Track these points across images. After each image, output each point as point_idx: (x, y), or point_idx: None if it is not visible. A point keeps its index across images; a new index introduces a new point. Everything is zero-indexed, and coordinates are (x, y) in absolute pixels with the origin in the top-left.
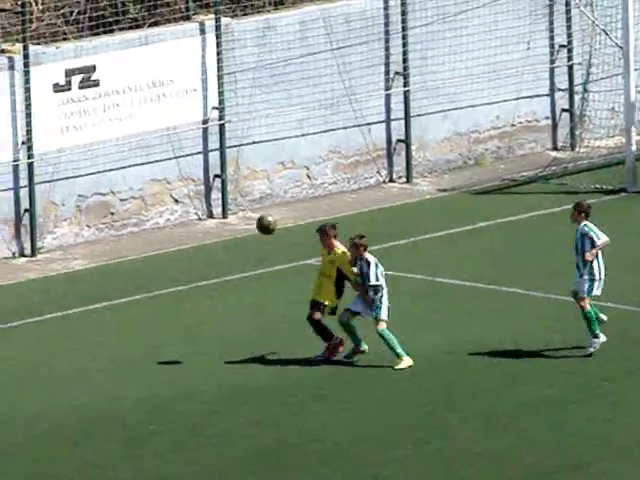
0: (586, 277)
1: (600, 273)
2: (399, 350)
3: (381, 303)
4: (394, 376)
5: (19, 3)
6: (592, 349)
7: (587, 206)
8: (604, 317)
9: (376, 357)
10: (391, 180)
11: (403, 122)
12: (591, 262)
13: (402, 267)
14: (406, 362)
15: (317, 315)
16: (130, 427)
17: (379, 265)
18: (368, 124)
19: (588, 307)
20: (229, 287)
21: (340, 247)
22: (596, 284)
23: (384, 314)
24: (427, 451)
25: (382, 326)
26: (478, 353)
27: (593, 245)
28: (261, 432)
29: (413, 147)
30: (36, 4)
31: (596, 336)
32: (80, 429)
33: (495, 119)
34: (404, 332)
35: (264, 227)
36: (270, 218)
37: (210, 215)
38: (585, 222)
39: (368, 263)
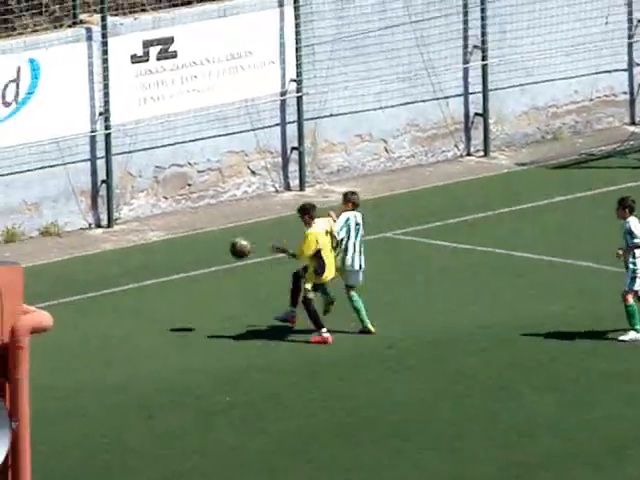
0: (629, 272)
1: None
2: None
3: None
4: (468, 350)
5: None
6: (626, 338)
7: (631, 201)
8: None
9: (449, 331)
10: (469, 154)
11: (481, 95)
12: (634, 258)
13: (479, 241)
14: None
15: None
16: (204, 398)
17: (349, 221)
18: (446, 97)
19: (630, 301)
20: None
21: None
22: (638, 280)
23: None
24: (503, 425)
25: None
26: (553, 327)
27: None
28: (336, 404)
29: (491, 121)
30: None
31: (635, 330)
32: (155, 400)
33: (573, 93)
34: (481, 306)
35: (238, 251)
36: (243, 242)
37: (287, 187)
38: (629, 218)
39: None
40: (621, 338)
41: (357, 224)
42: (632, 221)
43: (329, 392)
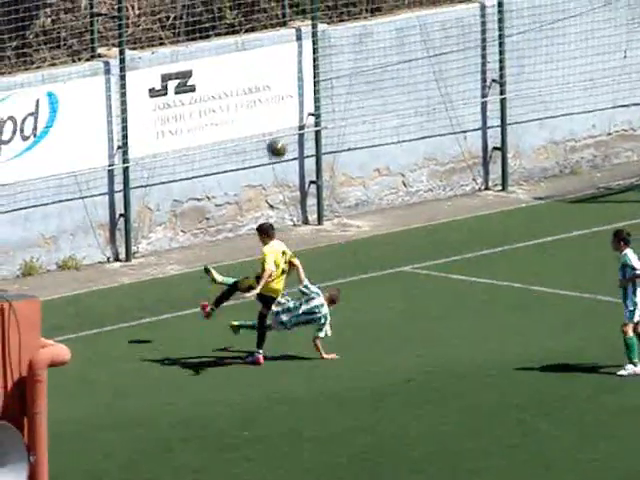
0: (629, 304)
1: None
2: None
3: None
4: (486, 384)
5: (115, 8)
6: (624, 372)
7: (627, 234)
8: None
9: (466, 366)
10: (487, 188)
11: (499, 130)
12: (634, 290)
13: (497, 275)
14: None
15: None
16: (224, 432)
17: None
18: (464, 131)
19: (630, 334)
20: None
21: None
22: (637, 311)
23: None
24: (523, 458)
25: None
26: (570, 361)
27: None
28: (354, 438)
29: (509, 155)
30: (132, 9)
31: (633, 364)
32: (174, 433)
33: (591, 128)
34: (499, 340)
35: (275, 150)
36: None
37: (305, 221)
38: (626, 250)
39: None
40: (619, 373)
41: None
42: (629, 253)
43: (348, 426)
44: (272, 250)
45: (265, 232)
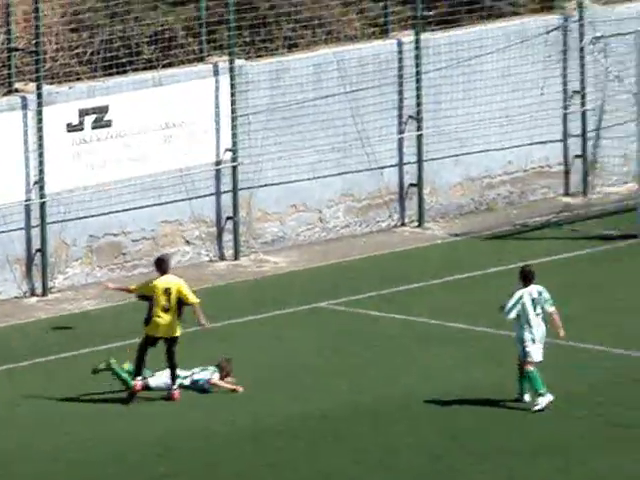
0: (519, 342)
1: (533, 339)
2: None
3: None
4: (401, 419)
5: (33, 43)
6: (539, 407)
7: (528, 271)
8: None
9: (382, 402)
10: (403, 224)
11: (416, 166)
12: (521, 327)
13: (413, 311)
14: None
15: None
16: (140, 468)
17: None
18: (381, 168)
19: (530, 367)
20: (242, 330)
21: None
22: (529, 349)
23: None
24: None
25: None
26: (487, 396)
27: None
28: (271, 474)
29: (425, 191)
30: (50, 44)
31: (541, 394)
32: (91, 471)
33: (507, 164)
34: (414, 376)
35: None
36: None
37: (222, 257)
38: (523, 288)
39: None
40: (535, 409)
41: None
42: (517, 292)
43: (265, 462)
44: (154, 283)
45: (155, 264)
